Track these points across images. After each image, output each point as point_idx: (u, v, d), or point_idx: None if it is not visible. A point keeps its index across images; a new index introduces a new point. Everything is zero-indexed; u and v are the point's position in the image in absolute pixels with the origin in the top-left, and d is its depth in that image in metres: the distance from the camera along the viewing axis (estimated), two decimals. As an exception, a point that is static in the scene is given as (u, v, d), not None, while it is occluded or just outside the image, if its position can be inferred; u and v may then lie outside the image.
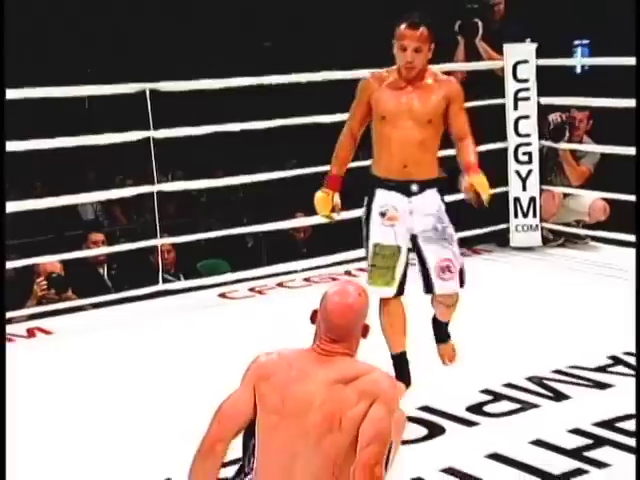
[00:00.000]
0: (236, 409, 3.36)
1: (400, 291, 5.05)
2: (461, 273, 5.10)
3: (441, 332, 5.31)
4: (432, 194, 5.00)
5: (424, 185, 4.97)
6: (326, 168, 5.18)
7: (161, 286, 7.25)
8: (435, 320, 5.30)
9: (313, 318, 3.51)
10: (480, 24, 8.26)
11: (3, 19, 4.71)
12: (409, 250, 5.04)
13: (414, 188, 4.95)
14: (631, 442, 4.50)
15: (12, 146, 6.63)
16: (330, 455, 3.30)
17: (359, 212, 5.16)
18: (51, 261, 7.37)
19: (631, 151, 7.72)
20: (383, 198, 4.97)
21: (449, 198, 7.82)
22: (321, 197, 5.06)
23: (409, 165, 4.91)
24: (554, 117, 8.23)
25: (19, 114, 7.27)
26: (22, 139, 6.71)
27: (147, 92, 6.90)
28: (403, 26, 4.83)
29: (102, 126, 7.08)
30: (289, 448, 3.33)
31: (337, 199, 5.07)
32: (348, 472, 3.26)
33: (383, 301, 5.06)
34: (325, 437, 3.29)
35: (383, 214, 4.95)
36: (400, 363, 5.08)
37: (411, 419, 4.74)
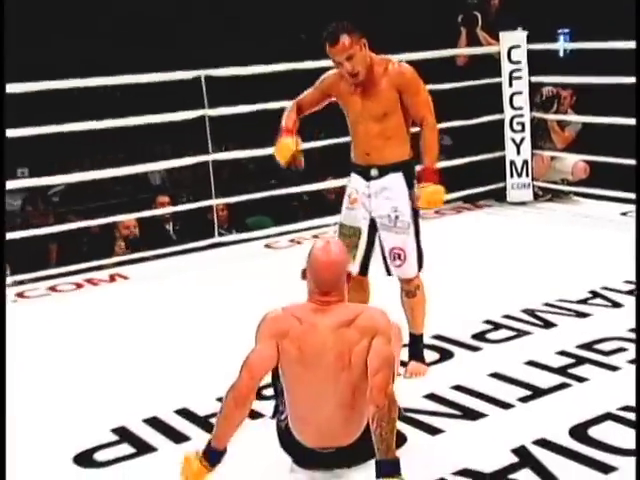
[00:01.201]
0: (263, 362, 3.38)
1: (363, 271, 4.60)
2: (419, 258, 4.56)
3: (414, 347, 4.61)
4: (394, 178, 4.47)
5: (386, 169, 4.46)
6: (347, 139, 4.75)
7: (217, 239, 7.29)
8: (410, 335, 4.60)
9: (303, 275, 3.53)
10: (479, 16, 8.24)
11: (3, 19, 4.29)
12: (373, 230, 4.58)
13: (373, 172, 4.48)
14: (606, 360, 4.54)
15: (101, 124, 6.76)
16: (347, 388, 3.37)
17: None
18: (128, 220, 7.42)
19: (607, 120, 7.81)
20: (352, 181, 4.62)
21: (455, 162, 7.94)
22: (284, 139, 4.50)
23: (371, 153, 4.47)
24: (547, 90, 8.21)
25: (102, 98, 7.30)
26: (102, 119, 6.75)
27: (202, 77, 6.92)
28: (326, 46, 4.32)
29: (162, 107, 7.09)
30: (313, 389, 3.40)
31: (294, 144, 4.51)
32: (363, 399, 3.32)
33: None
34: (340, 374, 3.37)
35: (349, 196, 4.62)
36: None
37: (426, 346, 4.79)
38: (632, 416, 3.86)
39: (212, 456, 3.32)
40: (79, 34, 13.09)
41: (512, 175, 8.20)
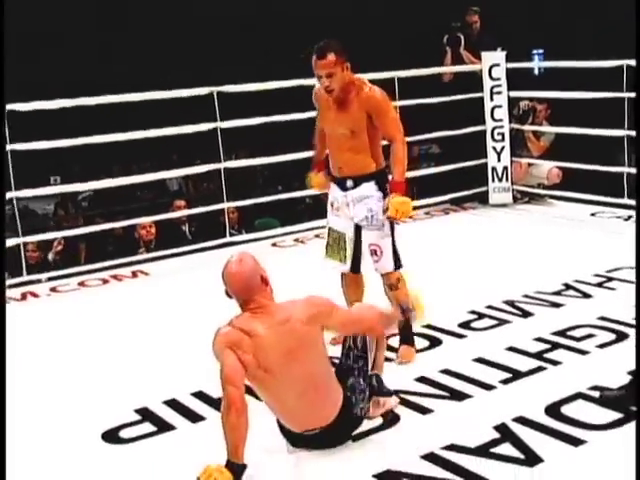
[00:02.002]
0: (236, 370, 3.31)
1: (355, 269, 4.60)
2: (395, 254, 4.53)
3: (403, 333, 4.54)
4: (368, 186, 4.43)
5: (360, 180, 4.43)
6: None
7: (228, 239, 7.26)
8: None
9: (227, 294, 3.50)
10: (462, 37, 8.24)
11: (3, 19, 4.12)
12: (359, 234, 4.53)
13: (349, 183, 4.45)
14: (577, 345, 4.54)
15: (125, 136, 6.81)
16: (305, 378, 3.38)
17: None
18: (147, 225, 7.43)
19: (578, 131, 7.83)
20: (332, 191, 4.59)
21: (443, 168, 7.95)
22: (313, 176, 4.70)
23: (343, 166, 4.45)
24: (524, 104, 8.22)
25: (121, 113, 7.30)
26: (125, 131, 6.77)
27: (215, 93, 6.92)
28: (314, 57, 4.27)
29: (177, 121, 7.11)
30: (277, 388, 3.40)
31: (323, 177, 4.64)
32: (327, 381, 3.43)
33: (342, 275, 4.69)
34: (294, 368, 3.35)
35: (332, 204, 4.59)
36: None
37: (416, 334, 4.78)
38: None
39: (236, 469, 3.26)
40: (110, 58, 13.16)
41: (494, 180, 8.19)
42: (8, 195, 6.38)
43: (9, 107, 6.15)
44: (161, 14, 13.91)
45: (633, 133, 7.08)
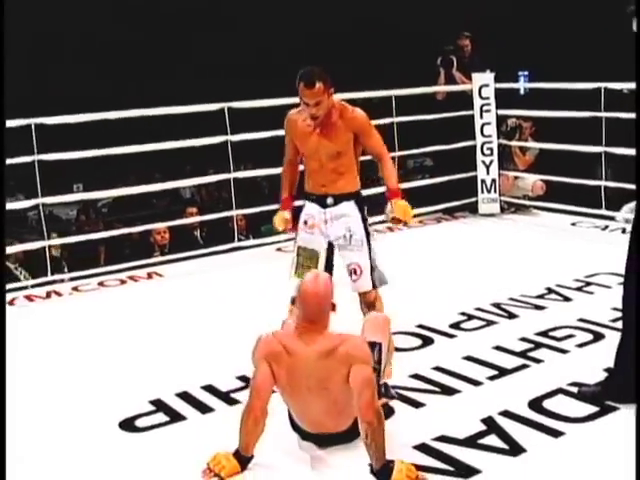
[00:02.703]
0: (266, 384, 3.30)
1: None
2: (372, 273, 4.29)
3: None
4: (347, 205, 4.25)
5: (340, 198, 4.24)
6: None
7: (236, 244, 7.26)
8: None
9: (293, 301, 3.46)
10: (454, 59, 8.24)
11: (3, 19, 3.91)
12: (330, 253, 4.36)
13: (329, 201, 4.24)
14: (558, 345, 4.53)
15: (143, 147, 6.83)
16: (330, 400, 3.31)
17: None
18: (162, 230, 7.43)
19: (559, 147, 7.86)
20: (307, 209, 4.34)
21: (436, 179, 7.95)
22: (276, 217, 4.47)
23: (326, 185, 4.23)
24: (511, 121, 8.23)
25: (139, 126, 7.31)
26: (142, 143, 6.78)
27: (225, 109, 6.93)
28: (301, 85, 4.05)
29: (190, 134, 7.12)
30: (301, 400, 3.37)
31: (288, 216, 4.42)
32: (347, 401, 3.28)
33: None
34: (322, 393, 3.30)
35: (305, 222, 4.32)
36: None
37: (410, 333, 4.80)
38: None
39: (243, 459, 3.29)
40: (133, 75, 13.18)
41: (483, 191, 8.18)
42: (35, 201, 6.41)
43: (37, 121, 6.18)
44: (179, 35, 13.93)
45: (610, 149, 7.11)
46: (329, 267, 4.35)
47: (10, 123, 6.07)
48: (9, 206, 6.89)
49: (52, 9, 12.70)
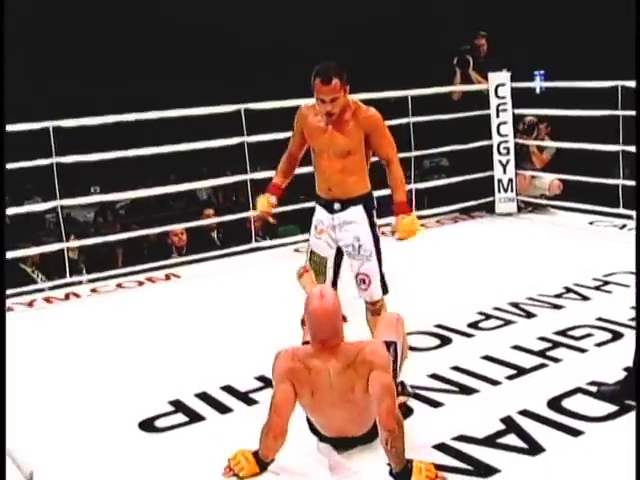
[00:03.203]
0: (287, 402, 3.26)
1: None
2: (382, 280, 4.25)
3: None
4: (356, 210, 4.19)
5: (347, 203, 4.18)
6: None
7: (254, 244, 7.26)
8: None
9: (303, 323, 3.38)
10: (471, 59, 8.23)
11: (3, 19, 3.81)
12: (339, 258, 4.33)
13: (336, 206, 4.18)
14: (577, 344, 4.53)
15: (159, 149, 6.87)
16: (353, 410, 3.30)
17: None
18: (179, 232, 7.45)
19: (576, 146, 7.82)
20: (317, 213, 4.30)
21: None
22: (260, 198, 4.44)
23: (333, 188, 4.16)
24: (528, 120, 8.22)
25: (155, 128, 7.33)
26: (159, 145, 6.81)
27: (242, 111, 6.95)
28: (317, 81, 3.97)
29: (207, 136, 7.14)
30: (325, 412, 3.35)
31: (273, 200, 4.39)
32: (368, 408, 3.27)
33: None
34: (345, 405, 3.29)
35: (316, 227, 4.29)
36: None
37: (428, 333, 4.80)
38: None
39: (262, 463, 3.30)
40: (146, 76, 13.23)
41: (500, 191, 8.17)
42: (53, 204, 6.44)
43: (54, 124, 6.21)
44: (195, 37, 13.99)
45: (627, 148, 7.09)
46: (336, 270, 4.35)
47: (28, 126, 6.13)
48: (27, 209, 6.97)
49: (69, 10, 12.78)
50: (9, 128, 5.07)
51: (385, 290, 4.28)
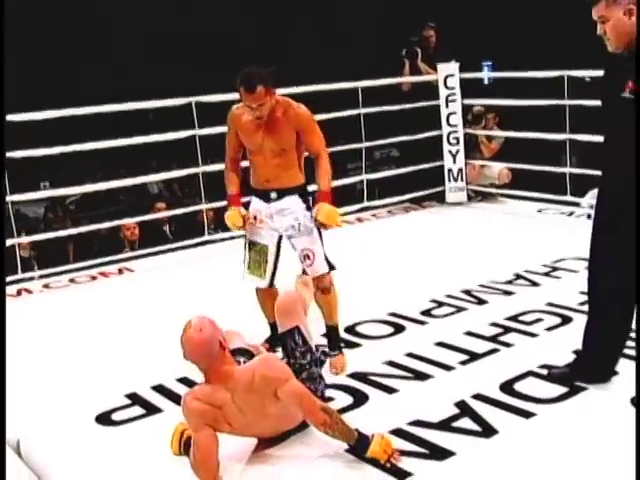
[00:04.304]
0: (211, 446, 3.21)
1: (271, 283, 4.44)
2: (326, 258, 4.31)
3: (331, 340, 4.35)
4: (291, 199, 4.27)
5: (283, 192, 4.26)
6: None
7: (206, 237, 7.27)
8: (326, 327, 4.38)
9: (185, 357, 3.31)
10: (419, 50, 8.29)
11: (3, 19, 3.92)
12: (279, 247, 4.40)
13: (273, 195, 4.26)
14: (528, 329, 4.60)
15: (109, 143, 6.82)
16: (275, 419, 3.34)
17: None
18: (132, 226, 7.42)
19: (525, 135, 7.93)
20: (253, 204, 4.37)
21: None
22: (231, 214, 4.37)
23: (270, 180, 4.25)
24: (476, 109, 8.31)
25: (105, 121, 7.29)
26: (109, 139, 6.77)
27: (193, 103, 6.93)
28: (242, 89, 4.05)
29: (160, 128, 7.11)
30: (251, 431, 3.37)
31: (244, 211, 4.39)
32: (290, 410, 3.32)
33: (257, 290, 4.50)
34: (265, 417, 3.29)
35: (255, 217, 4.33)
36: (273, 328, 4.42)
37: (382, 321, 4.85)
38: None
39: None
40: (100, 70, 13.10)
41: (450, 180, 8.26)
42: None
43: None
44: (146, 27, 13.90)
45: (574, 136, 7.21)
46: (277, 259, 4.40)
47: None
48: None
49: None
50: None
51: (331, 267, 4.31)
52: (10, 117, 6.21)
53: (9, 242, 6.53)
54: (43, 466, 3.50)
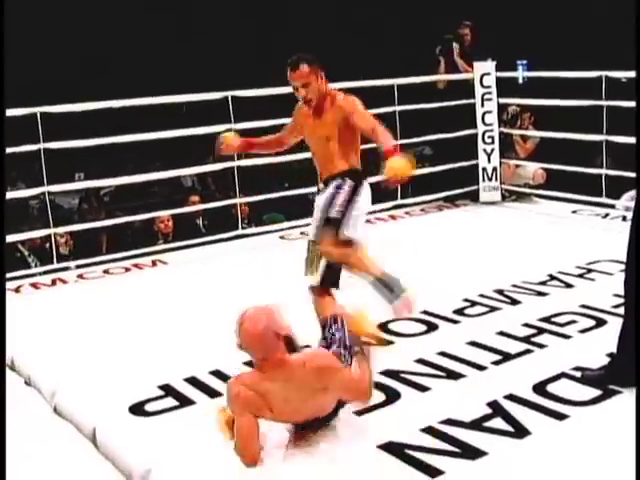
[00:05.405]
0: (252, 433, 3.29)
1: (324, 283, 4.36)
2: (325, 225, 4.25)
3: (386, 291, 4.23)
4: (332, 183, 4.28)
5: (330, 180, 4.31)
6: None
7: (239, 231, 7.30)
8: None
9: (240, 347, 3.36)
10: (456, 45, 8.27)
11: (3, 19, 3.86)
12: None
13: (321, 187, 4.38)
14: (561, 330, 4.59)
15: (147, 136, 6.89)
16: (315, 404, 3.38)
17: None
18: (165, 219, 7.47)
19: (560, 135, 7.86)
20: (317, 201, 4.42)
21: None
22: (232, 133, 4.62)
23: (322, 172, 4.36)
24: (512, 109, 8.29)
25: (141, 114, 7.33)
26: (146, 131, 6.81)
27: (229, 98, 6.96)
28: (288, 70, 4.19)
29: (195, 122, 7.15)
30: (290, 416, 3.40)
31: (238, 142, 4.57)
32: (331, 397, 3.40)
33: (310, 287, 4.42)
34: (311, 407, 3.36)
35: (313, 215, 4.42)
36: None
37: (415, 319, 4.84)
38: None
39: None
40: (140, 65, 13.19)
41: (484, 179, 8.24)
42: (40, 190, 6.45)
43: (42, 109, 6.20)
44: (182, 22, 13.97)
45: (610, 138, 7.16)
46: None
47: (15, 112, 6.12)
48: (12, 195, 6.96)
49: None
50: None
51: (326, 235, 4.21)
52: (45, 109, 6.27)
53: (45, 232, 6.60)
54: (74, 453, 3.54)
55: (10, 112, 5.94)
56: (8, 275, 6.18)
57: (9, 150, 5.95)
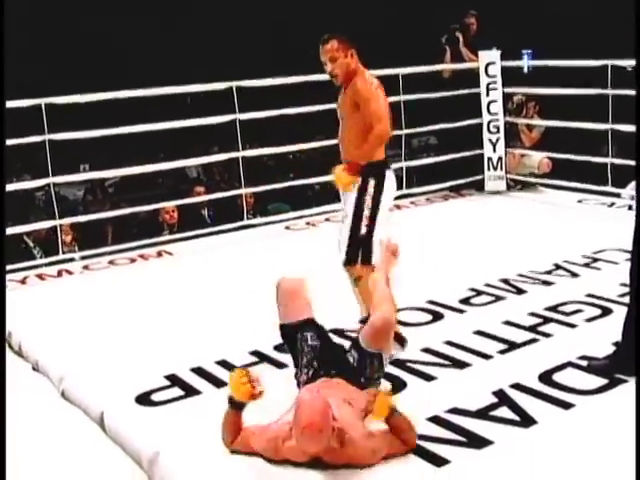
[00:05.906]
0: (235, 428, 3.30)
1: (349, 261, 4.35)
2: (355, 247, 4.33)
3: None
4: (354, 190, 4.30)
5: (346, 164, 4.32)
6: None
7: (245, 222, 7.29)
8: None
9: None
10: (461, 35, 8.24)
11: (3, 19, 3.85)
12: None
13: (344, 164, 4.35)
14: (567, 319, 4.59)
15: (152, 127, 6.87)
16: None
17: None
18: (171, 209, 7.47)
19: (566, 124, 7.87)
20: None
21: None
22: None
23: (342, 152, 4.39)
24: (517, 98, 8.27)
25: (153, 104, 7.32)
26: (150, 122, 6.81)
27: (234, 88, 6.96)
28: (320, 45, 4.28)
29: (199, 112, 7.14)
30: None
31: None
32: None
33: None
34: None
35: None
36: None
37: (420, 309, 4.85)
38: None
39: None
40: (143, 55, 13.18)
41: (489, 169, 8.22)
42: (45, 181, 6.45)
43: (47, 100, 6.20)
44: (186, 12, 13.95)
45: (616, 126, 7.15)
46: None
47: (20, 103, 6.11)
48: (17, 186, 6.96)
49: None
50: None
51: (355, 259, 4.30)
52: (50, 100, 6.27)
53: (50, 223, 6.61)
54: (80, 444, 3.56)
55: (15, 103, 5.95)
56: (13, 267, 6.20)
57: (14, 141, 5.97)
